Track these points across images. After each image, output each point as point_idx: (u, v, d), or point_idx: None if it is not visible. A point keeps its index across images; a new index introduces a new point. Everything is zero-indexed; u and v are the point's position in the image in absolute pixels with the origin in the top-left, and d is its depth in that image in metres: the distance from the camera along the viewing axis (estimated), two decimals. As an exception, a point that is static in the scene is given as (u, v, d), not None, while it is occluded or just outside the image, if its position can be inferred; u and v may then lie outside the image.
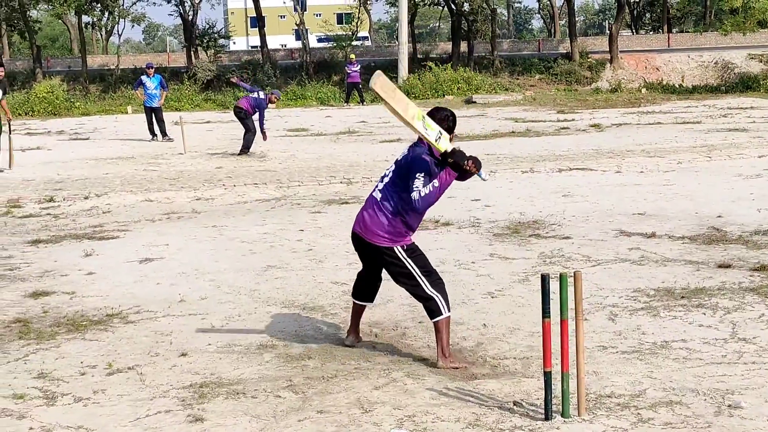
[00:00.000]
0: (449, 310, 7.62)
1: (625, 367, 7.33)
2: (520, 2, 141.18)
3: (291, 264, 11.49)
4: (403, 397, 6.81)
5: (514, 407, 6.55)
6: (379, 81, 7.14)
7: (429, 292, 7.63)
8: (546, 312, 6.22)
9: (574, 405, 6.35)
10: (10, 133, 22.78)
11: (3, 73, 21.52)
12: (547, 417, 6.28)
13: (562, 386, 6.28)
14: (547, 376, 6.27)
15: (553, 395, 6.32)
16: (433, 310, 7.59)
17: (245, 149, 23.44)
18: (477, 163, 7.28)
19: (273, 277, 10.83)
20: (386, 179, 7.60)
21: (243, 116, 23.50)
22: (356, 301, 8.16)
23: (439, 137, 7.27)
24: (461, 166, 7.26)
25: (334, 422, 6.41)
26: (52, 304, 9.87)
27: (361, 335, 8.26)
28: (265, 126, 23.95)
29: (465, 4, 54.02)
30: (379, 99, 7.86)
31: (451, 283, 10.12)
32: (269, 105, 23.83)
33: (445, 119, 7.55)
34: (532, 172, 19.02)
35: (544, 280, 6.18)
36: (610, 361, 7.49)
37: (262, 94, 23.51)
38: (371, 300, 8.19)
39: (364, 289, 8.10)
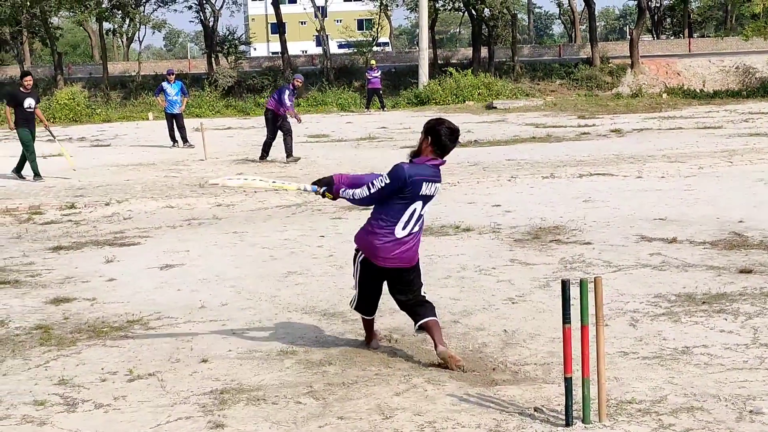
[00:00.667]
0: None
1: (646, 373, 7.31)
2: (540, 7, 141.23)
3: (312, 270, 11.50)
4: (423, 403, 6.81)
5: (535, 413, 6.54)
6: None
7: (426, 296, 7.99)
8: (567, 318, 6.20)
9: (595, 411, 6.33)
10: (54, 138, 23.00)
11: (32, 81, 21.62)
12: (568, 423, 6.27)
13: (583, 392, 6.26)
14: (568, 381, 6.25)
15: (573, 401, 6.31)
16: (429, 309, 7.84)
17: (288, 155, 23.34)
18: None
19: (294, 283, 10.84)
20: (422, 221, 7.80)
21: (269, 117, 23.54)
22: (369, 317, 8.21)
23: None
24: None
25: (354, 428, 6.41)
26: (73, 311, 9.89)
27: (380, 341, 8.33)
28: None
29: (485, 9, 54.03)
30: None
31: (472, 289, 10.16)
32: (294, 89, 23.78)
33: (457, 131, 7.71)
34: (553, 177, 18.98)
35: (565, 285, 6.17)
36: (631, 367, 7.47)
37: (287, 91, 23.56)
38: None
39: (374, 305, 8.17)
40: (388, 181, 7.43)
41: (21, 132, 21.00)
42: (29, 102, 21.06)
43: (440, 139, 7.48)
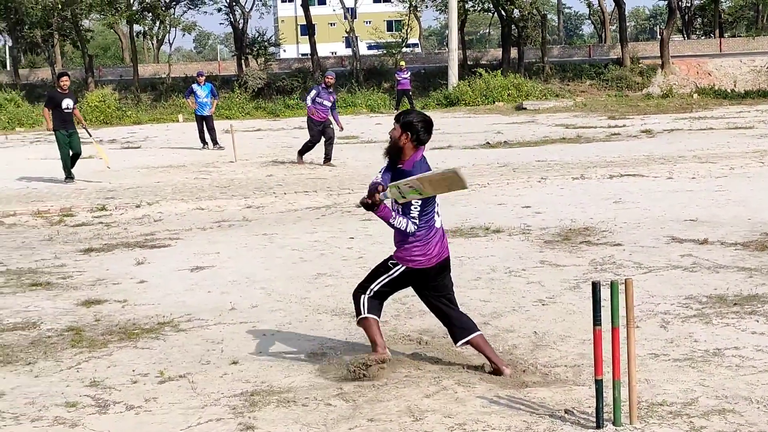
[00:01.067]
0: None
1: (677, 375, 7.28)
2: (570, 8, 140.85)
3: (341, 272, 11.51)
4: (453, 405, 6.80)
5: (566, 415, 6.52)
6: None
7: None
8: (597, 320, 6.18)
9: (626, 413, 6.31)
10: (90, 136, 22.83)
11: (68, 82, 21.60)
12: (599, 425, 6.25)
13: (614, 394, 6.24)
14: (599, 384, 6.23)
15: (604, 403, 6.28)
16: (470, 321, 7.76)
17: (326, 159, 23.21)
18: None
19: (323, 285, 10.85)
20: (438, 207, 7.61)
21: (308, 123, 23.39)
22: (378, 317, 7.82)
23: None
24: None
25: (384, 430, 6.41)
26: (104, 313, 9.94)
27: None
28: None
29: (515, 10, 53.96)
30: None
31: (502, 291, 10.14)
32: (326, 87, 23.59)
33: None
34: (583, 178, 18.94)
35: (595, 287, 6.15)
36: (661, 369, 7.44)
37: (313, 92, 23.45)
38: None
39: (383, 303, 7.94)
40: (420, 202, 7.34)
41: (57, 134, 21.06)
42: (67, 103, 21.05)
43: (419, 134, 7.44)
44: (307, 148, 23.52)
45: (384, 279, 7.72)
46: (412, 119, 7.46)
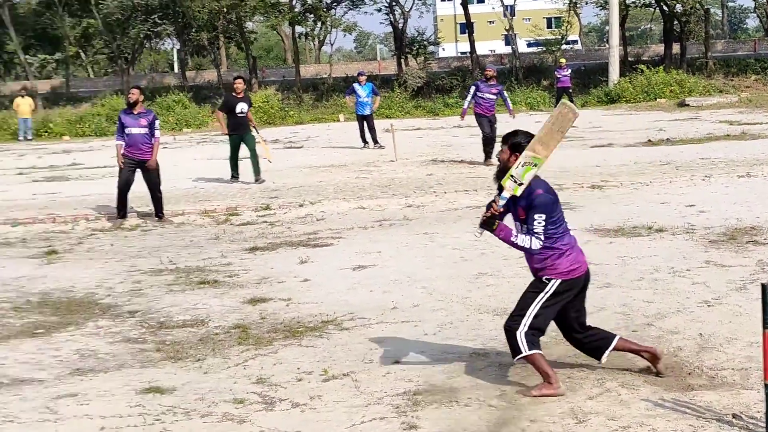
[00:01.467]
0: None
1: None
2: (734, 1, 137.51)
3: (502, 271, 11.48)
4: (617, 408, 6.74)
5: (733, 420, 6.41)
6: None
7: None
8: (766, 322, 6.05)
9: (796, 419, 6.17)
10: (259, 134, 22.88)
11: (242, 85, 21.84)
12: (768, 431, 6.13)
13: (784, 399, 6.11)
14: (768, 388, 6.11)
15: (774, 408, 6.16)
16: (605, 331, 7.66)
17: (486, 158, 23.19)
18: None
19: (485, 285, 10.85)
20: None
21: (477, 120, 23.38)
22: (541, 351, 7.47)
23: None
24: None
25: (547, 432, 6.40)
26: (269, 311, 10.13)
27: None
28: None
29: (677, 4, 52.98)
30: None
31: (666, 292, 10.00)
32: (485, 80, 23.59)
33: None
34: (749, 176, 18.52)
35: (765, 289, 6.02)
36: (833, 374, 7.25)
37: (473, 88, 23.52)
38: None
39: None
40: (544, 216, 7.24)
41: (230, 138, 21.45)
42: (241, 107, 21.32)
43: None
44: (485, 145, 23.31)
45: (540, 299, 7.33)
46: (521, 140, 7.40)
